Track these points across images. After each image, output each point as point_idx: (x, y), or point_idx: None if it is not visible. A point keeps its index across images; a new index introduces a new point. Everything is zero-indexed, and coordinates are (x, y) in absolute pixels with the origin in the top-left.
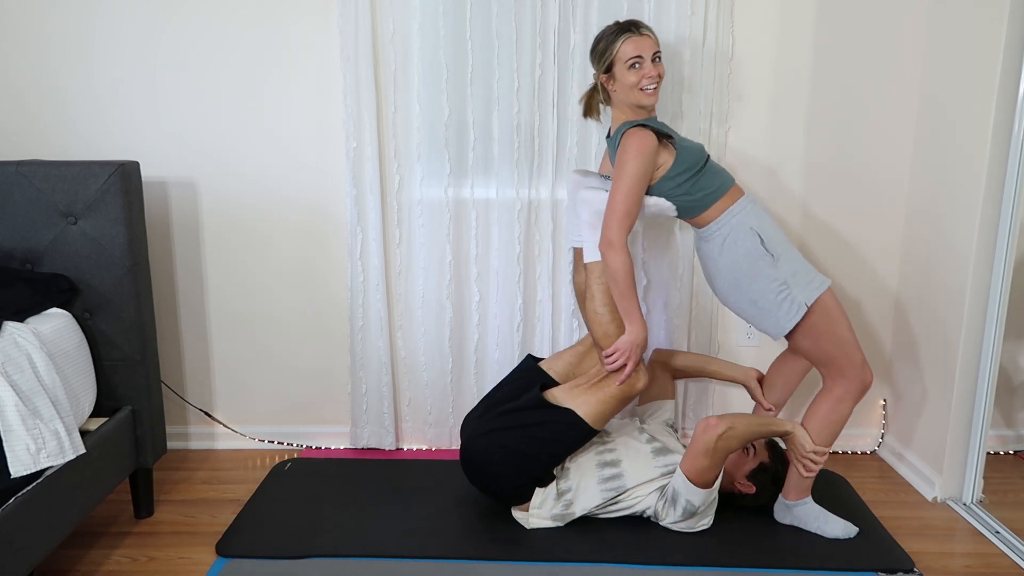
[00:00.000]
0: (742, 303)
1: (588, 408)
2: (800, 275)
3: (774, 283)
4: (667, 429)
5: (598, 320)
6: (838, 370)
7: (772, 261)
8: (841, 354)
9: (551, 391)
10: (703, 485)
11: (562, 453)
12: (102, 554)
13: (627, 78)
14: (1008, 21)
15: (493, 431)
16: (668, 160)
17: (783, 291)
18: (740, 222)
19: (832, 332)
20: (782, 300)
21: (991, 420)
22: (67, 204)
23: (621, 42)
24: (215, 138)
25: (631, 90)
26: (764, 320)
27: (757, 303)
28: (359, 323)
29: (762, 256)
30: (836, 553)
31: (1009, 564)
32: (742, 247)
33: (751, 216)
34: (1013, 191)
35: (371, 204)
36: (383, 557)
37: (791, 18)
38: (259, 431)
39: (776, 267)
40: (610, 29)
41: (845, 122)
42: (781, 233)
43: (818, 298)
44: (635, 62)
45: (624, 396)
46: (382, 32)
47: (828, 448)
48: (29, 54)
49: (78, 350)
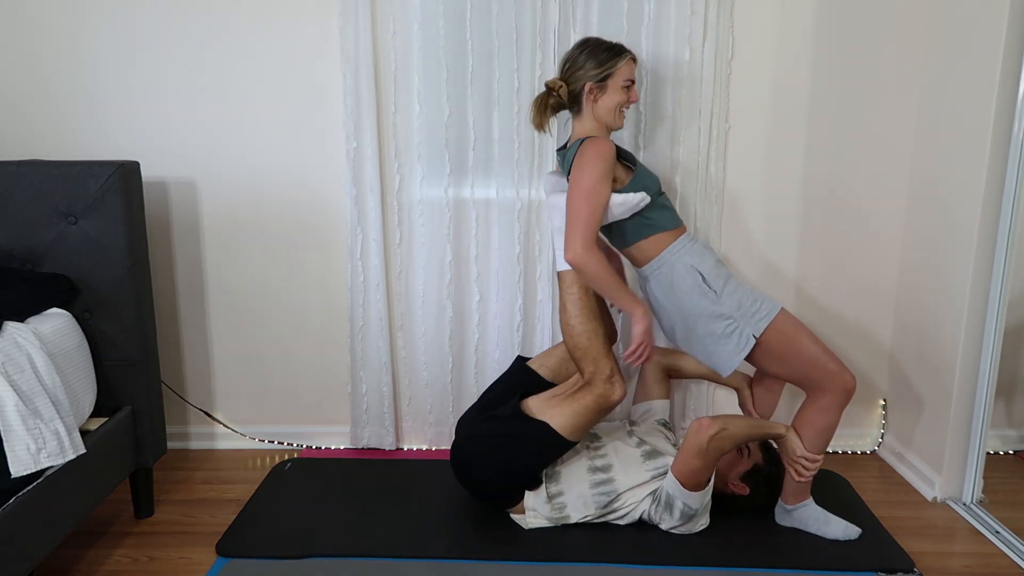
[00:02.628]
0: (690, 340)
1: (564, 420)
2: (745, 307)
3: (719, 319)
4: (660, 429)
5: (570, 332)
6: (817, 384)
7: (715, 297)
8: (813, 368)
9: (529, 401)
10: (695, 487)
11: (539, 465)
12: (102, 554)
13: (617, 96)
14: (1008, 21)
15: (475, 437)
16: (624, 178)
17: (730, 325)
18: (679, 260)
19: (796, 351)
20: (729, 334)
21: (991, 420)
22: (67, 204)
23: (624, 62)
24: (215, 138)
25: (613, 110)
26: (713, 356)
27: (704, 340)
28: (359, 323)
29: (705, 293)
30: (836, 553)
31: (1009, 564)
32: (683, 285)
33: (689, 254)
34: (1013, 191)
35: (371, 204)
36: (383, 557)
37: (791, 18)
38: (259, 431)
39: (719, 303)
40: (608, 45)
41: (845, 121)
42: (723, 268)
43: (769, 325)
44: (629, 83)
45: (600, 408)
46: (382, 32)
47: (819, 455)
48: (29, 55)
49: (78, 350)
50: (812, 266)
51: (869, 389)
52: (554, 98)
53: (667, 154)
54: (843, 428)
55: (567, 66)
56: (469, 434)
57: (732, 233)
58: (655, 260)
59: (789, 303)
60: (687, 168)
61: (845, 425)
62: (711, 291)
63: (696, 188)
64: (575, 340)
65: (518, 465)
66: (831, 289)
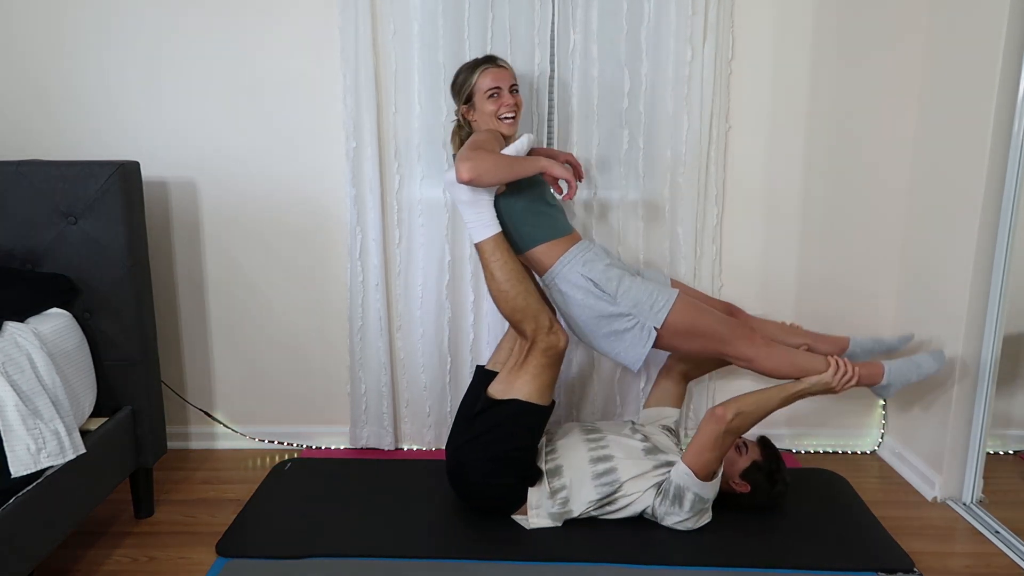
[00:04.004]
0: (599, 343)
1: (528, 388)
2: (642, 303)
3: (620, 318)
4: (664, 431)
5: (504, 297)
6: (728, 346)
7: (611, 299)
8: (717, 337)
9: (491, 389)
10: (707, 477)
11: (530, 442)
12: (102, 554)
13: (486, 107)
14: (1008, 21)
15: (460, 447)
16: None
17: (630, 321)
18: (571, 270)
19: (697, 329)
20: (631, 329)
21: (991, 420)
22: (67, 204)
23: (479, 74)
24: (215, 138)
25: (491, 119)
26: (621, 354)
27: (609, 339)
28: (358, 323)
29: (600, 298)
30: (836, 553)
31: (1009, 564)
32: (577, 295)
33: (579, 263)
34: (1013, 191)
35: (371, 204)
36: (383, 557)
37: (791, 18)
38: (259, 431)
39: (616, 304)
40: (467, 64)
41: (845, 121)
42: (614, 269)
43: (668, 315)
44: (493, 92)
45: (552, 360)
46: (382, 32)
47: (835, 367)
48: (28, 55)
49: (78, 350)
50: (812, 266)
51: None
52: (463, 131)
53: (667, 154)
54: (843, 428)
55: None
56: (456, 446)
57: (732, 233)
58: (549, 272)
59: (789, 302)
60: (687, 168)
61: (845, 425)
62: (605, 295)
63: (696, 188)
64: (511, 303)
65: (511, 452)
66: (831, 288)
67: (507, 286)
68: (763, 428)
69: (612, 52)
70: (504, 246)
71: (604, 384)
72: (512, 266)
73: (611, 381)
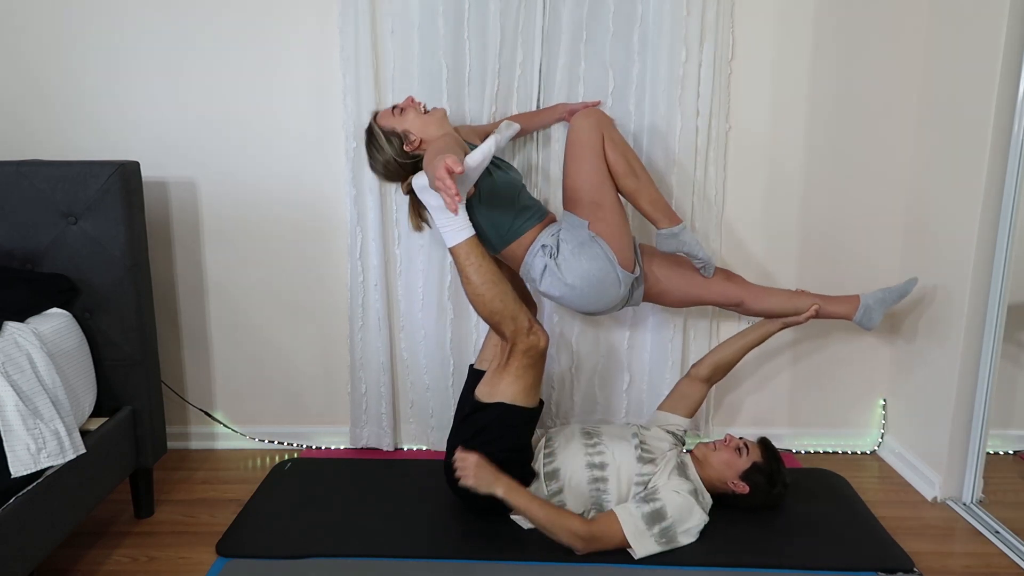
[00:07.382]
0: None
1: (512, 391)
2: (564, 232)
3: (580, 244)
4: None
5: (481, 300)
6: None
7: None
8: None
9: (478, 391)
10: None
11: (520, 444)
12: (102, 554)
13: (408, 120)
14: (1008, 21)
15: (454, 449)
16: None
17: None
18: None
19: (604, 212)
20: (591, 241)
21: (991, 420)
22: (67, 204)
23: (378, 119)
24: (215, 138)
25: (420, 121)
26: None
27: (587, 279)
28: (359, 323)
29: (558, 243)
30: (836, 553)
31: (1008, 564)
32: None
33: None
34: (1013, 191)
35: (371, 204)
36: (383, 557)
37: (791, 18)
38: (259, 431)
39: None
40: (365, 134)
41: (845, 121)
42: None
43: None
44: (398, 109)
45: (533, 361)
46: (382, 32)
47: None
48: (28, 55)
49: (78, 350)
50: (812, 266)
51: (869, 389)
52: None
53: (666, 154)
54: (843, 428)
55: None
56: (452, 447)
57: (732, 233)
58: (521, 268)
59: None
60: (686, 169)
61: (845, 425)
62: (558, 242)
63: (695, 188)
64: (489, 307)
65: (501, 453)
66: (832, 288)
67: (483, 289)
68: (763, 429)
69: (598, 52)
70: (479, 249)
71: (585, 383)
72: (487, 268)
73: (591, 379)
